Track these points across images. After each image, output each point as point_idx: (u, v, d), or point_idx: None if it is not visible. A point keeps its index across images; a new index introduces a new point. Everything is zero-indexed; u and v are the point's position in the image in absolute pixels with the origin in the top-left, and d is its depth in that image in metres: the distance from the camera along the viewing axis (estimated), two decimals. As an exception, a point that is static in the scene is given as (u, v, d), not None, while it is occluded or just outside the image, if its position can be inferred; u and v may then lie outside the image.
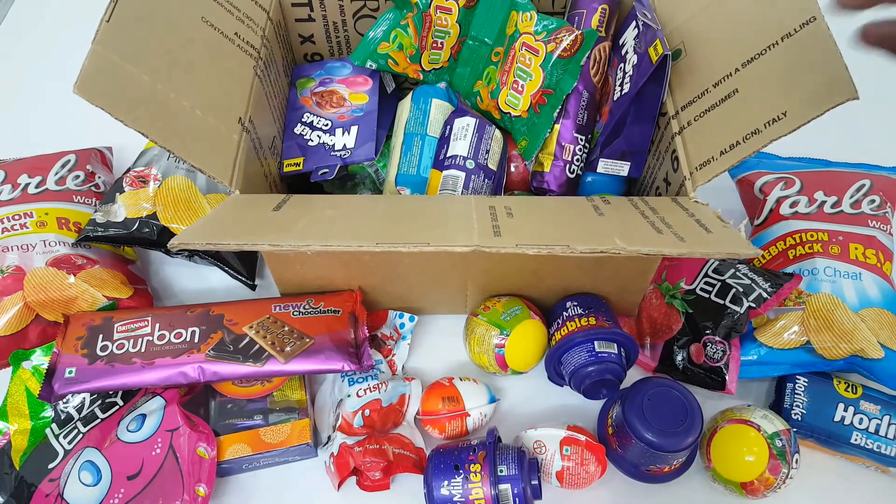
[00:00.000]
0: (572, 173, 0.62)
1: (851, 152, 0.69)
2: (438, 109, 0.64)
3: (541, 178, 0.62)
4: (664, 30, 0.60)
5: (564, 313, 0.57)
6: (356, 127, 0.65)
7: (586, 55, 0.59)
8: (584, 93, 0.60)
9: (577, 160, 0.62)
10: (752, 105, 0.48)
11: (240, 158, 0.52)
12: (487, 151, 0.61)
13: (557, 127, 0.61)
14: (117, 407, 0.55)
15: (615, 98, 0.58)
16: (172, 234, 0.61)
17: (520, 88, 0.62)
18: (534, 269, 0.56)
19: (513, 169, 0.66)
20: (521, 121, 0.63)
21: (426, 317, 0.64)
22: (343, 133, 0.65)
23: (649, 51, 0.53)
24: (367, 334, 0.56)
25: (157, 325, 0.55)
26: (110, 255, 0.63)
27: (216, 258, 0.63)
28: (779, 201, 0.64)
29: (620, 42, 0.60)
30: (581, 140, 0.61)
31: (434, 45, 0.67)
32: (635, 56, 0.56)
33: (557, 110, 0.60)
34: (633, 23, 0.58)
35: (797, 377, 0.56)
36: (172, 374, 0.52)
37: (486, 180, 0.60)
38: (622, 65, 0.57)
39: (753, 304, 0.56)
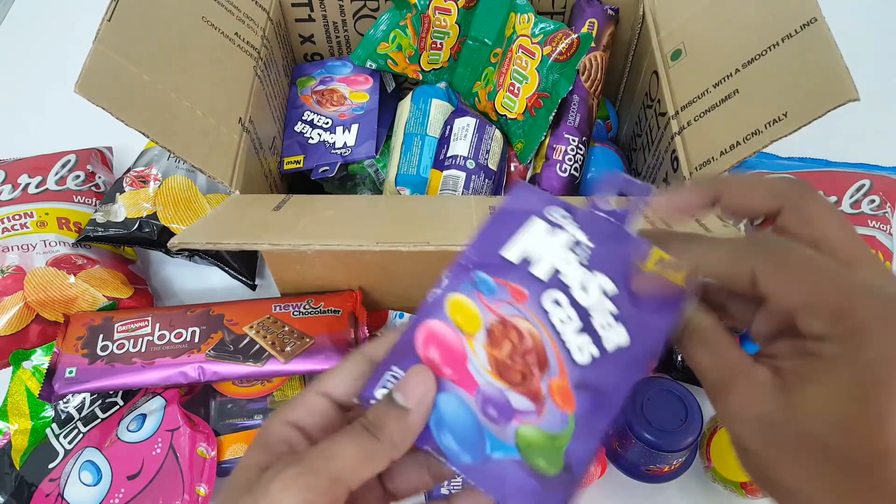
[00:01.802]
0: (564, 172, 0.61)
1: (851, 152, 0.69)
2: (438, 109, 0.64)
3: (534, 181, 0.63)
4: (664, 30, 0.60)
5: (564, 313, 0.57)
6: (357, 125, 0.65)
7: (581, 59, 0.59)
8: (575, 97, 0.60)
9: (569, 160, 0.61)
10: (752, 106, 0.48)
11: (240, 158, 0.52)
12: (488, 151, 0.61)
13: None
14: (117, 407, 0.55)
15: None
16: (172, 234, 0.61)
17: (516, 91, 0.62)
18: (534, 269, 0.56)
19: (513, 169, 0.66)
20: (517, 123, 0.63)
21: (426, 317, 0.64)
22: (343, 131, 0.65)
23: None
24: (367, 334, 0.56)
25: (158, 325, 0.55)
26: (110, 255, 0.63)
27: (216, 258, 0.63)
28: (779, 201, 0.64)
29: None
30: (573, 141, 0.61)
31: (433, 45, 0.67)
32: None
33: (553, 114, 0.60)
34: None
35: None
36: (172, 374, 0.52)
37: (487, 180, 0.60)
38: None
39: (753, 304, 0.56)
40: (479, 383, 0.27)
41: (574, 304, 0.29)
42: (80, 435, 0.53)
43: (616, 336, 0.28)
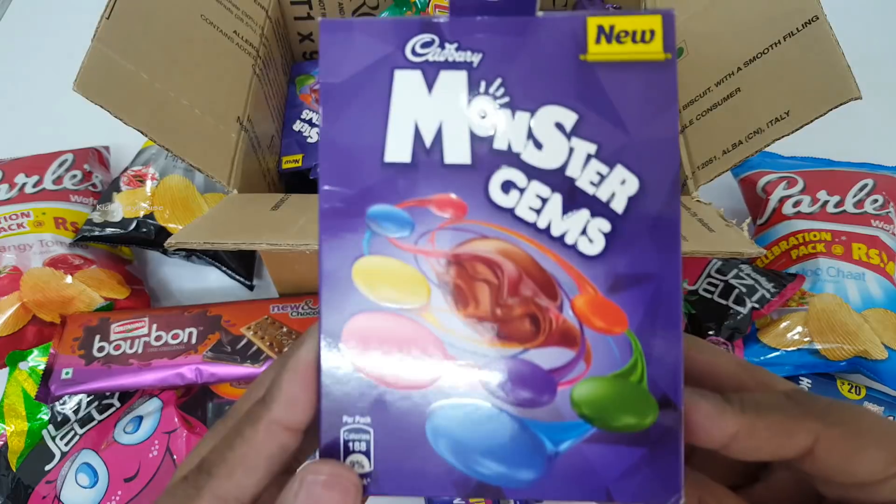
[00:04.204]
0: None
1: (854, 152, 0.68)
2: (438, 109, 0.64)
3: None
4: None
5: (565, 314, 0.56)
6: (356, 126, 0.65)
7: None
8: None
9: None
10: (754, 104, 0.48)
11: (238, 157, 0.52)
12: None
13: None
14: (114, 408, 0.55)
15: None
16: (170, 234, 0.60)
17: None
18: (534, 270, 0.56)
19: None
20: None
21: (426, 317, 0.63)
22: (342, 131, 0.65)
23: None
24: (367, 335, 0.56)
25: (155, 326, 0.54)
26: (107, 255, 0.62)
27: (214, 258, 0.62)
28: (781, 201, 0.64)
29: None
30: None
31: (434, 44, 0.66)
32: None
33: None
34: None
35: (801, 378, 0.56)
36: (169, 375, 0.51)
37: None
38: None
39: (757, 305, 0.55)
40: (479, 365, 0.18)
41: (535, 173, 0.18)
42: (77, 437, 0.53)
43: (617, 184, 0.18)
